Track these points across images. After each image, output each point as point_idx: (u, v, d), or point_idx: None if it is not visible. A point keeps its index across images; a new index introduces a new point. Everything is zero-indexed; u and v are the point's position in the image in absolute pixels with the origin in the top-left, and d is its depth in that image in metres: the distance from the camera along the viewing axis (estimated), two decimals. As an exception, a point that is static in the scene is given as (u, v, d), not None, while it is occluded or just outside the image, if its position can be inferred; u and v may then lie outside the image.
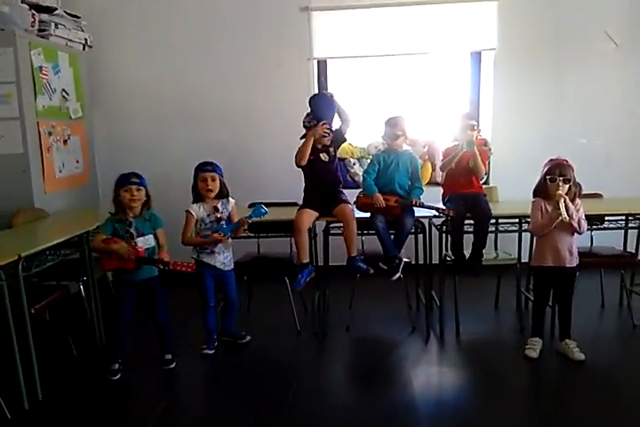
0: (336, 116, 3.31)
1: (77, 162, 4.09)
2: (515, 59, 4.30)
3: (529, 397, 2.65)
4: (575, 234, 2.87)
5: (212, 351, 3.08)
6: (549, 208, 2.84)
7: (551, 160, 2.89)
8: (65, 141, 3.92)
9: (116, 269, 2.79)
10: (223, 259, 3.03)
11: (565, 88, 4.32)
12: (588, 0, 4.19)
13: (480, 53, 4.49)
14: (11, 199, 3.41)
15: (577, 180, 2.87)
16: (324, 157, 3.26)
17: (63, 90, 3.91)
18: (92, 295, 3.20)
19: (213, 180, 2.95)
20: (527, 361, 2.88)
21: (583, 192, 3.58)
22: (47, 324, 3.13)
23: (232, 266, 3.10)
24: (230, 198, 3.05)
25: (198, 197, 3.01)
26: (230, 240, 3.04)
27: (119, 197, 2.78)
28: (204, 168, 2.96)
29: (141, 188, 2.79)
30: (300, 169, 3.30)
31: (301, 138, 3.26)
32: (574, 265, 2.90)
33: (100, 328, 3.24)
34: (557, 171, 2.81)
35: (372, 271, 3.19)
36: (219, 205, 2.99)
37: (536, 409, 2.50)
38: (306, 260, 3.18)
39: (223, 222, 2.99)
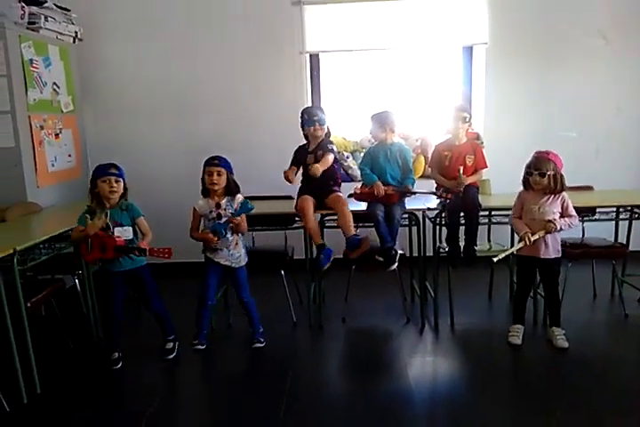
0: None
1: (69, 156, 4.07)
2: (506, 53, 4.33)
3: (517, 382, 2.72)
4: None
5: (203, 347, 3.05)
6: (530, 200, 2.92)
7: (535, 152, 2.93)
8: (57, 135, 3.89)
9: (97, 259, 2.75)
10: (228, 256, 2.98)
11: (556, 82, 4.36)
12: (579, -5, 4.23)
13: (472, 48, 4.51)
14: (3, 193, 3.38)
15: (562, 173, 2.88)
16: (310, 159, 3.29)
17: (54, 83, 3.87)
18: (88, 289, 3.19)
19: (219, 174, 2.91)
20: (513, 348, 2.96)
21: (575, 184, 3.68)
22: (43, 318, 3.11)
23: (242, 263, 3.04)
24: (238, 195, 3.00)
25: (206, 190, 2.98)
26: (237, 237, 2.99)
27: (96, 188, 2.73)
28: (212, 162, 2.94)
29: (120, 179, 2.75)
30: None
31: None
32: (552, 257, 2.94)
33: (96, 321, 3.24)
34: (533, 165, 2.86)
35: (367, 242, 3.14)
36: (222, 202, 2.96)
37: (522, 393, 2.57)
38: (320, 241, 3.16)
39: (225, 219, 2.95)
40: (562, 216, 2.90)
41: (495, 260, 2.86)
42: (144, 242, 2.78)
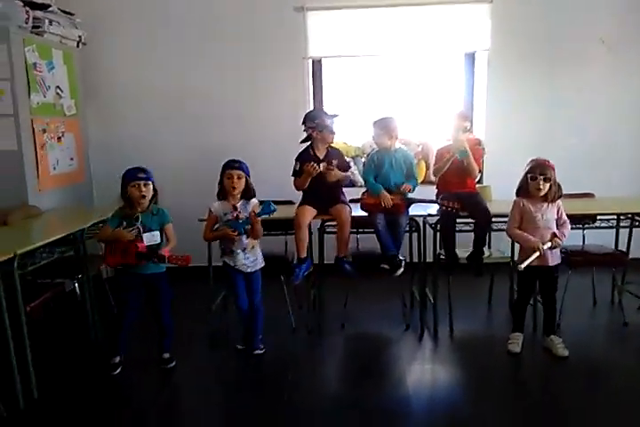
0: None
1: (72, 159, 4.08)
2: (508, 60, 4.33)
3: (516, 390, 2.71)
4: None
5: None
6: (531, 208, 2.92)
7: (532, 160, 2.96)
8: (59, 139, 3.90)
9: (118, 264, 2.78)
10: (244, 259, 2.98)
11: (557, 89, 4.36)
12: (581, 2, 4.23)
13: (474, 54, 4.52)
14: (5, 197, 3.38)
15: (558, 180, 2.92)
16: (323, 167, 3.25)
17: (57, 87, 3.89)
18: (87, 293, 3.20)
19: (239, 178, 2.92)
20: (513, 356, 2.95)
21: (575, 192, 3.69)
22: (42, 322, 3.11)
23: (257, 267, 3.04)
24: (253, 199, 3.01)
25: (222, 193, 2.98)
26: (253, 241, 3.00)
27: (127, 192, 2.76)
28: (232, 165, 2.93)
29: (149, 182, 2.78)
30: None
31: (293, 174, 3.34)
32: (555, 263, 2.98)
33: (95, 326, 3.24)
34: (538, 170, 2.89)
35: (356, 277, 3.23)
36: (238, 204, 2.96)
37: (521, 401, 2.56)
38: (304, 255, 3.23)
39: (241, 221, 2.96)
40: (556, 222, 2.95)
41: (522, 266, 2.84)
42: (166, 249, 2.79)
